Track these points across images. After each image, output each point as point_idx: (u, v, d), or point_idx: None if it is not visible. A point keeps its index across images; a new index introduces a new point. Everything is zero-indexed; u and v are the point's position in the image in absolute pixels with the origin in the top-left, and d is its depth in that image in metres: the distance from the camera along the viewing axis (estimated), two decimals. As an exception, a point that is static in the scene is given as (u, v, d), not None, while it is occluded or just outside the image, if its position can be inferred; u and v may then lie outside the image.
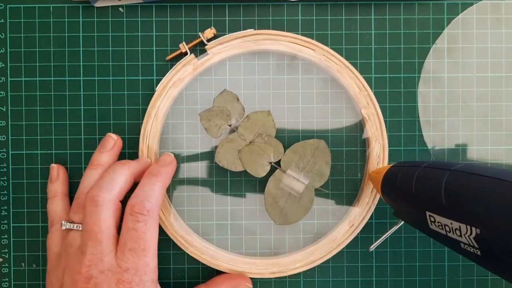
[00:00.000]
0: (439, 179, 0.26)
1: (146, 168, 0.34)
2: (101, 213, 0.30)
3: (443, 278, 0.37)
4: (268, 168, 0.35)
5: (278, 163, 0.35)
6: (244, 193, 0.37)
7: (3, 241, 0.37)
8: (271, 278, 0.36)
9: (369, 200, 0.35)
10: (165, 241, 0.36)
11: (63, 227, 0.32)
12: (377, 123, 0.35)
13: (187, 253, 0.35)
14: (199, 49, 0.36)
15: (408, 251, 0.37)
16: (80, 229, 0.31)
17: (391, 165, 0.31)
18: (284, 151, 0.35)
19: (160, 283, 0.32)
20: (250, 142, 0.35)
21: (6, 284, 0.37)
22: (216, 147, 0.36)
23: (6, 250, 0.37)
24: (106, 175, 0.32)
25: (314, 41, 0.35)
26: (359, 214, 0.35)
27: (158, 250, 0.31)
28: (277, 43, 0.35)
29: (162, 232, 0.35)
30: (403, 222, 0.32)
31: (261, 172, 0.35)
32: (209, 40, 0.35)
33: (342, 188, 0.37)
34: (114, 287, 0.28)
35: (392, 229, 0.33)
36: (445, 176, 0.26)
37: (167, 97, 0.35)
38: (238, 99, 0.35)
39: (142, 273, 0.29)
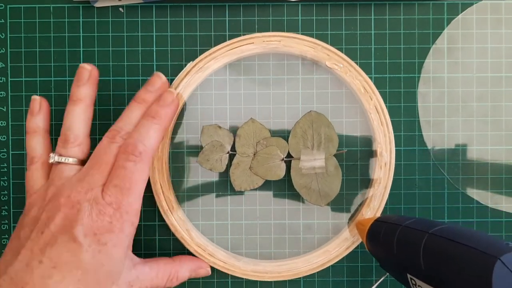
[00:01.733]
0: (418, 243, 0.26)
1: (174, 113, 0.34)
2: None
3: (443, 278, 0.37)
4: (283, 165, 0.35)
5: (289, 155, 0.35)
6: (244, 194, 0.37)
7: (3, 241, 0.37)
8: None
9: (376, 203, 0.36)
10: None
11: (51, 160, 0.31)
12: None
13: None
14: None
15: (408, 251, 0.37)
16: (70, 161, 0.31)
17: (375, 218, 0.32)
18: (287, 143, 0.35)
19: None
20: (254, 154, 0.35)
21: (6, 284, 0.37)
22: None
23: (6, 250, 0.37)
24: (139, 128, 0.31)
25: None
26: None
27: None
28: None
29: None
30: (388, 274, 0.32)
31: (280, 173, 0.35)
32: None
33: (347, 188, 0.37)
34: (94, 217, 0.29)
35: (379, 280, 0.34)
36: (424, 239, 0.26)
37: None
38: (219, 127, 0.35)
39: (124, 212, 0.29)
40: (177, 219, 0.36)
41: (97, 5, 0.36)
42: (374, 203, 0.35)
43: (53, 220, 0.29)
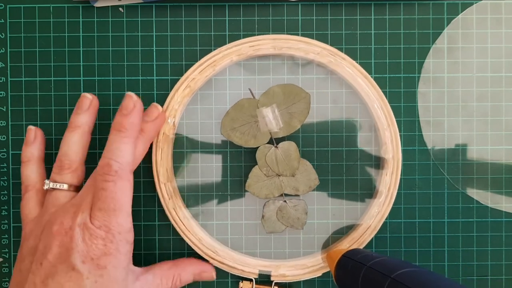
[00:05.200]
0: (381, 287, 0.26)
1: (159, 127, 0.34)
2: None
3: (443, 278, 0.37)
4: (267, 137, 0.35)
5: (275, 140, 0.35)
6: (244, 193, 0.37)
7: (3, 241, 0.37)
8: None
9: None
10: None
11: (46, 187, 0.32)
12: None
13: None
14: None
15: (408, 250, 0.37)
16: (64, 188, 0.31)
17: (344, 251, 0.32)
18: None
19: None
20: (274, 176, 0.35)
21: (6, 284, 0.37)
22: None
23: (6, 250, 0.37)
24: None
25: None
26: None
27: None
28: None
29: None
30: None
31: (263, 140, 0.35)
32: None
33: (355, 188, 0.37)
34: (88, 241, 0.28)
35: None
36: (386, 284, 0.26)
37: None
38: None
39: (116, 232, 0.29)
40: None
41: (97, 5, 0.36)
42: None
43: (50, 249, 0.28)
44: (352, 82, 0.35)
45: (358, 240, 0.36)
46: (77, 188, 0.32)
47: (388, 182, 0.35)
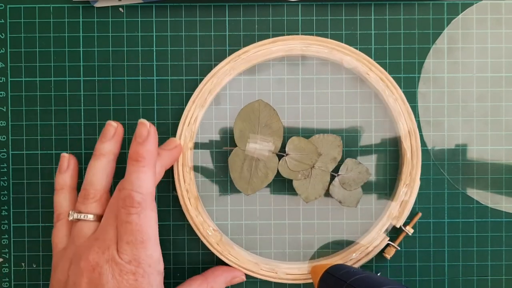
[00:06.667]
0: None
1: (176, 156, 0.34)
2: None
3: (443, 278, 0.37)
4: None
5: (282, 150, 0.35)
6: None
7: (3, 241, 0.37)
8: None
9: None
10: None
11: (70, 217, 0.31)
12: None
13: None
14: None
15: (408, 251, 0.37)
16: (89, 218, 0.31)
17: (328, 266, 0.32)
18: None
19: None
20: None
21: (6, 284, 0.37)
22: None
23: (6, 250, 0.37)
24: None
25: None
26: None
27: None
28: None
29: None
30: None
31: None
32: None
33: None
34: (118, 277, 0.28)
35: None
36: None
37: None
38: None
39: (146, 265, 0.29)
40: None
41: (97, 5, 0.36)
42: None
43: (80, 287, 0.28)
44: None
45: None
46: (101, 218, 0.32)
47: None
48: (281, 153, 0.35)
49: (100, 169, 0.32)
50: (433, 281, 0.37)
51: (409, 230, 0.35)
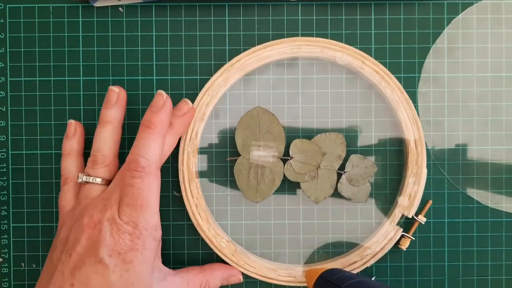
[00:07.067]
0: None
1: (189, 121, 0.35)
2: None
3: (443, 278, 0.37)
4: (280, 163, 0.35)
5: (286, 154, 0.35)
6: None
7: (3, 241, 0.37)
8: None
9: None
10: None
11: (80, 180, 0.32)
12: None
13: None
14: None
15: (408, 251, 0.37)
16: (97, 181, 0.32)
17: (322, 271, 0.32)
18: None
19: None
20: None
21: (6, 284, 0.37)
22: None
23: (6, 250, 0.37)
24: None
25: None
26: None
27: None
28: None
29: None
30: None
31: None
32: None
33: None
34: (115, 236, 0.29)
35: None
36: None
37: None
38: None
39: (142, 229, 0.29)
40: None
41: (96, 4, 0.36)
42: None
43: (79, 242, 0.29)
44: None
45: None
46: (110, 182, 0.32)
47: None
48: (285, 157, 0.35)
49: (107, 136, 0.33)
50: (433, 281, 0.37)
51: (422, 218, 0.35)
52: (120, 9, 0.37)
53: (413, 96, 0.37)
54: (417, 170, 0.35)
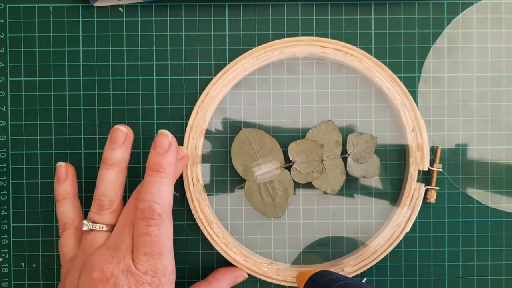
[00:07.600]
0: None
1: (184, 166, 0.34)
2: None
3: (443, 278, 0.37)
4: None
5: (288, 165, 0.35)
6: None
7: (3, 241, 0.37)
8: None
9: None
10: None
11: (85, 228, 0.31)
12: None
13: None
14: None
15: (408, 250, 0.37)
16: (103, 229, 0.30)
17: (313, 273, 0.32)
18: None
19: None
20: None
21: (6, 284, 0.37)
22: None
23: (6, 250, 0.37)
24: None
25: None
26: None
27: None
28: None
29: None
30: None
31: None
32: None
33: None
34: (133, 287, 0.28)
35: None
36: None
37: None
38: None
39: (161, 275, 0.29)
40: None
41: (96, 4, 0.36)
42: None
43: None
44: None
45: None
46: (113, 227, 0.31)
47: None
48: (288, 164, 0.35)
49: (113, 179, 0.31)
50: (433, 281, 0.37)
51: (438, 166, 0.35)
52: (120, 9, 0.37)
53: (413, 95, 0.37)
54: (415, 123, 0.35)
